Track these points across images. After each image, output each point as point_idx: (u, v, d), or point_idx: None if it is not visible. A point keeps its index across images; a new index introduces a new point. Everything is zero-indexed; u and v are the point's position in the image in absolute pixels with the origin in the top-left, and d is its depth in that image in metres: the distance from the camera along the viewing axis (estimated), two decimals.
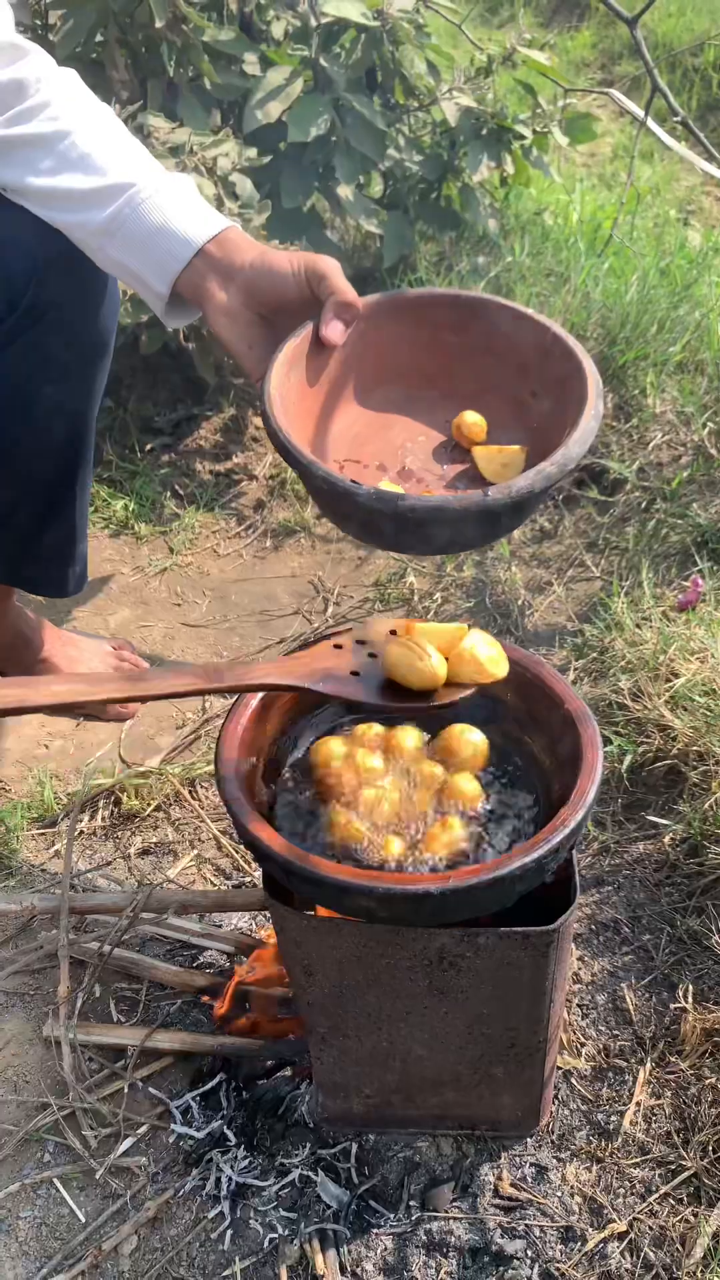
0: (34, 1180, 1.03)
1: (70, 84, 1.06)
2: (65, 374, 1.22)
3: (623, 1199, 0.99)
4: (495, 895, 0.80)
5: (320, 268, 0.93)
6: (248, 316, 0.97)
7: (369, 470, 0.97)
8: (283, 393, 0.89)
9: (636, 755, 1.32)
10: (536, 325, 0.94)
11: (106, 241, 1.00)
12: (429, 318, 0.98)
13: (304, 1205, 1.00)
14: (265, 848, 0.82)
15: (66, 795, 1.42)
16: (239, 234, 0.98)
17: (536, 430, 0.95)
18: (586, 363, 0.90)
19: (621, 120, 3.54)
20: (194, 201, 0.99)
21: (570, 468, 0.84)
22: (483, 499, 0.81)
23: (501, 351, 0.97)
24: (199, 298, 0.98)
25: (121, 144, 1.02)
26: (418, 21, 1.97)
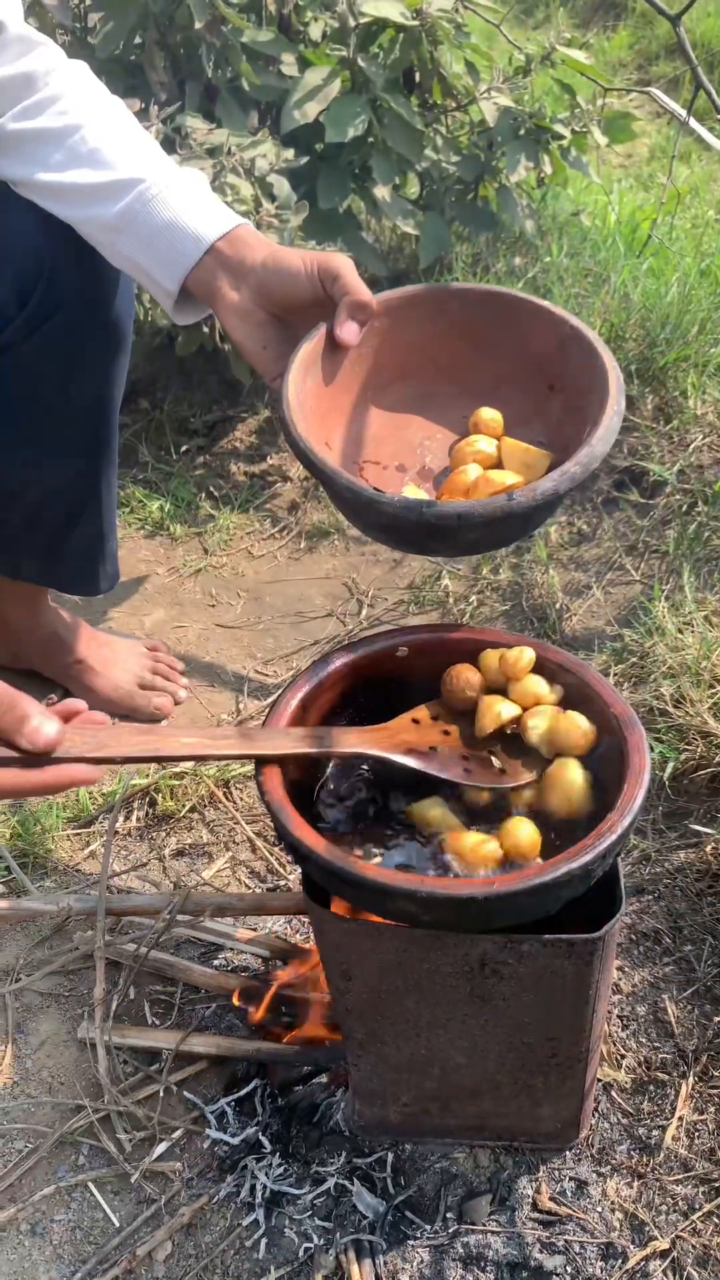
0: (69, 1183, 1.03)
1: (81, 77, 1.05)
2: (83, 369, 1.21)
3: (665, 1216, 0.97)
4: (540, 901, 0.79)
5: (333, 267, 0.92)
6: (260, 316, 0.95)
7: (388, 471, 0.96)
8: (300, 399, 0.88)
9: (679, 762, 1.29)
10: (554, 318, 0.93)
11: (116, 237, 0.99)
12: (444, 312, 0.96)
13: (339, 1215, 0.98)
14: (306, 849, 0.81)
15: (101, 795, 1.41)
16: (250, 231, 0.97)
17: (556, 424, 0.93)
18: (607, 357, 0.88)
19: (658, 121, 3.51)
20: (205, 197, 0.98)
21: (594, 466, 0.83)
22: (508, 503, 0.80)
23: (519, 345, 0.95)
24: (210, 296, 0.97)
25: (132, 138, 1.01)
26: (457, 21, 1.96)
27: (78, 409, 1.25)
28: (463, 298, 0.97)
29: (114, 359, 1.24)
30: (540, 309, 0.94)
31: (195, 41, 1.77)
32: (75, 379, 1.22)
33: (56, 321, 1.15)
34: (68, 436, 1.27)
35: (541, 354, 0.93)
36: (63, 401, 1.23)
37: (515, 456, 0.92)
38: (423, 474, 0.96)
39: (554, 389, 0.94)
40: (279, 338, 0.96)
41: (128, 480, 1.91)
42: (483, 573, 1.69)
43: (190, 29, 1.73)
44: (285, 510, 1.89)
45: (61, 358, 1.19)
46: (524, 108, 2.04)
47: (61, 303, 1.14)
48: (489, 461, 0.93)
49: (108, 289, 1.18)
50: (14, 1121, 1.07)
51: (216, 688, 1.58)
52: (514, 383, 0.96)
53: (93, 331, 1.19)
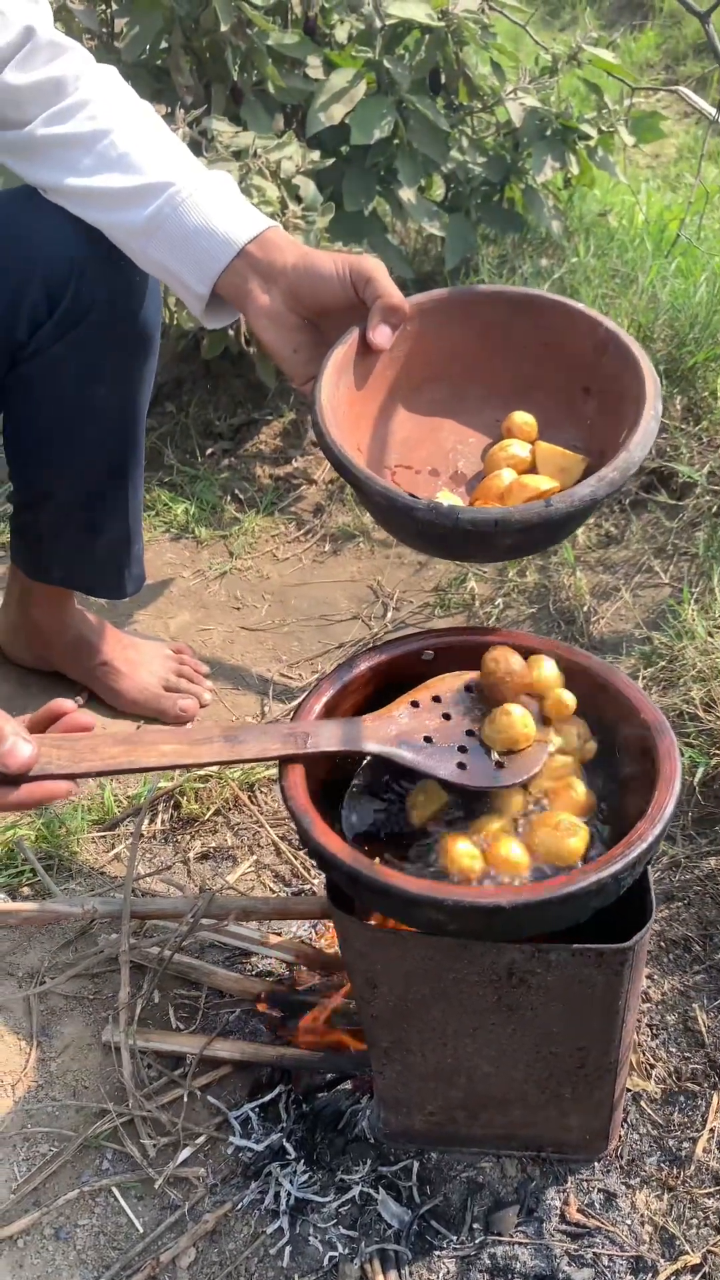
0: (92, 1188, 1.02)
1: (109, 81, 1.05)
2: (111, 373, 1.22)
3: (696, 1230, 0.95)
4: (569, 910, 0.78)
5: (365, 270, 0.91)
6: (291, 320, 0.95)
7: (421, 476, 0.95)
8: (333, 404, 0.87)
9: (709, 768, 1.27)
10: (588, 321, 0.91)
11: (146, 242, 0.99)
12: (476, 315, 0.95)
13: (365, 1224, 0.97)
14: (330, 856, 0.81)
15: (126, 798, 1.41)
16: (280, 234, 0.96)
17: (590, 428, 0.92)
18: (643, 360, 0.86)
19: (686, 121, 3.48)
20: (234, 201, 0.97)
21: (632, 472, 0.81)
22: (545, 509, 0.79)
23: (552, 348, 0.94)
24: (240, 300, 0.96)
25: (161, 142, 1.01)
26: (483, 21, 1.95)
27: (105, 412, 1.25)
28: (495, 300, 0.96)
29: (142, 363, 1.24)
30: (575, 311, 0.92)
31: (221, 45, 1.78)
32: (103, 383, 1.22)
33: (85, 325, 1.15)
34: (95, 440, 1.27)
35: (576, 357, 0.92)
36: (90, 405, 1.23)
37: (550, 461, 0.91)
38: (456, 478, 0.95)
39: (589, 392, 0.92)
40: (309, 341, 0.95)
41: (153, 483, 1.91)
42: (509, 575, 1.68)
43: (216, 33, 1.74)
44: (310, 513, 1.89)
45: (90, 362, 1.19)
46: (550, 108, 2.03)
47: (91, 307, 1.15)
48: (523, 466, 0.92)
49: (136, 294, 1.18)
50: (38, 1125, 1.07)
51: (241, 690, 1.58)
52: (547, 386, 0.95)
53: (121, 336, 1.19)
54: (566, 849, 0.82)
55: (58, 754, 0.80)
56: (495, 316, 0.95)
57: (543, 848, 0.83)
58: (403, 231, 2.28)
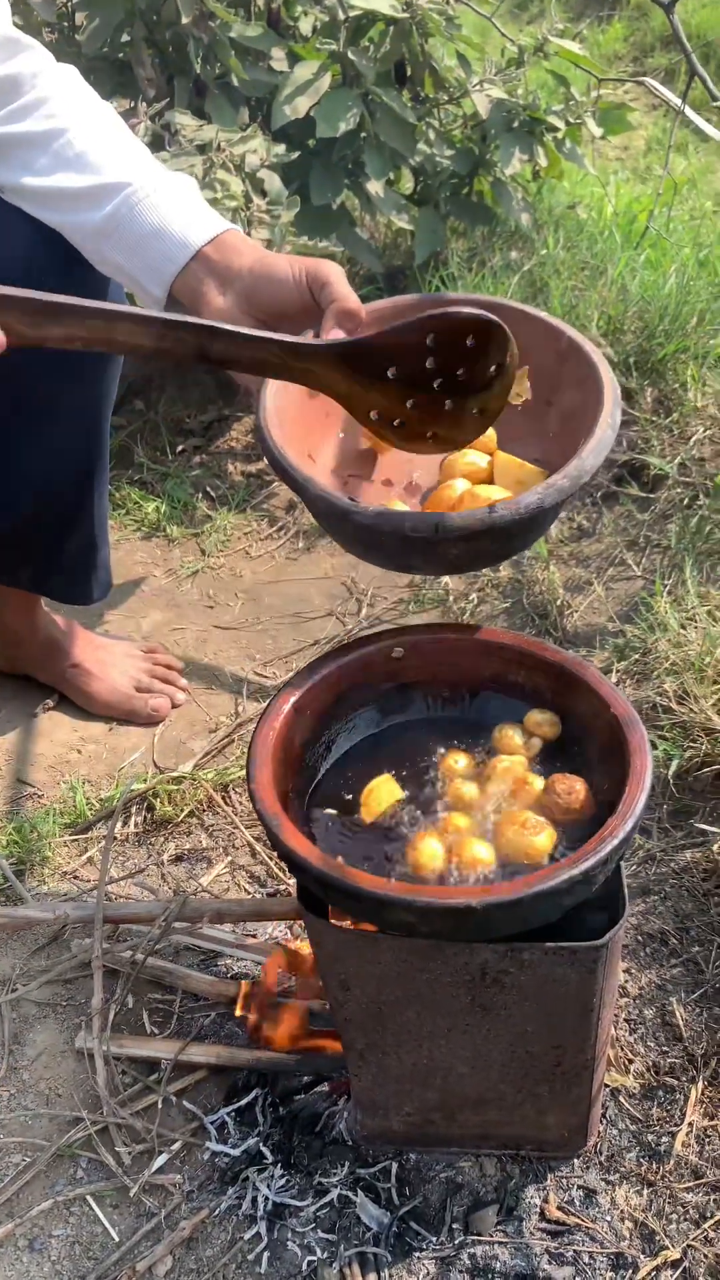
0: (66, 1197, 1.01)
1: (68, 80, 1.03)
2: (74, 377, 1.20)
3: (676, 1225, 0.95)
4: (540, 909, 0.77)
5: (322, 274, 0.89)
6: (246, 323, 0.92)
7: (374, 486, 0.93)
8: (280, 408, 0.86)
9: (683, 760, 1.27)
10: (551, 329, 0.90)
11: (103, 242, 0.97)
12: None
13: (343, 1227, 0.97)
14: (300, 859, 0.80)
15: (99, 801, 1.40)
16: (238, 236, 0.95)
17: (552, 440, 0.91)
18: (604, 369, 0.85)
19: (655, 113, 3.48)
20: (192, 202, 0.96)
21: (584, 480, 0.80)
22: (489, 515, 0.77)
23: None
24: (195, 303, 0.94)
25: (119, 142, 0.99)
26: (448, 13, 1.94)
27: (68, 418, 1.23)
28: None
29: (104, 367, 1.23)
30: (536, 319, 0.91)
31: (183, 37, 1.76)
32: (65, 387, 1.20)
33: None
34: (59, 445, 1.25)
35: (539, 367, 0.91)
36: (53, 410, 1.21)
37: (508, 472, 0.90)
38: (410, 489, 0.94)
39: (550, 404, 0.91)
40: None
41: (123, 482, 1.89)
42: (483, 571, 1.67)
43: (178, 25, 1.72)
44: (283, 510, 1.87)
45: (52, 366, 1.17)
46: (518, 100, 2.02)
47: None
48: (480, 476, 0.91)
49: (98, 293, 1.16)
50: (11, 1135, 1.06)
51: (215, 689, 1.56)
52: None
53: None
54: (533, 847, 0.82)
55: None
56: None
57: (509, 846, 0.82)
58: (371, 225, 2.26)
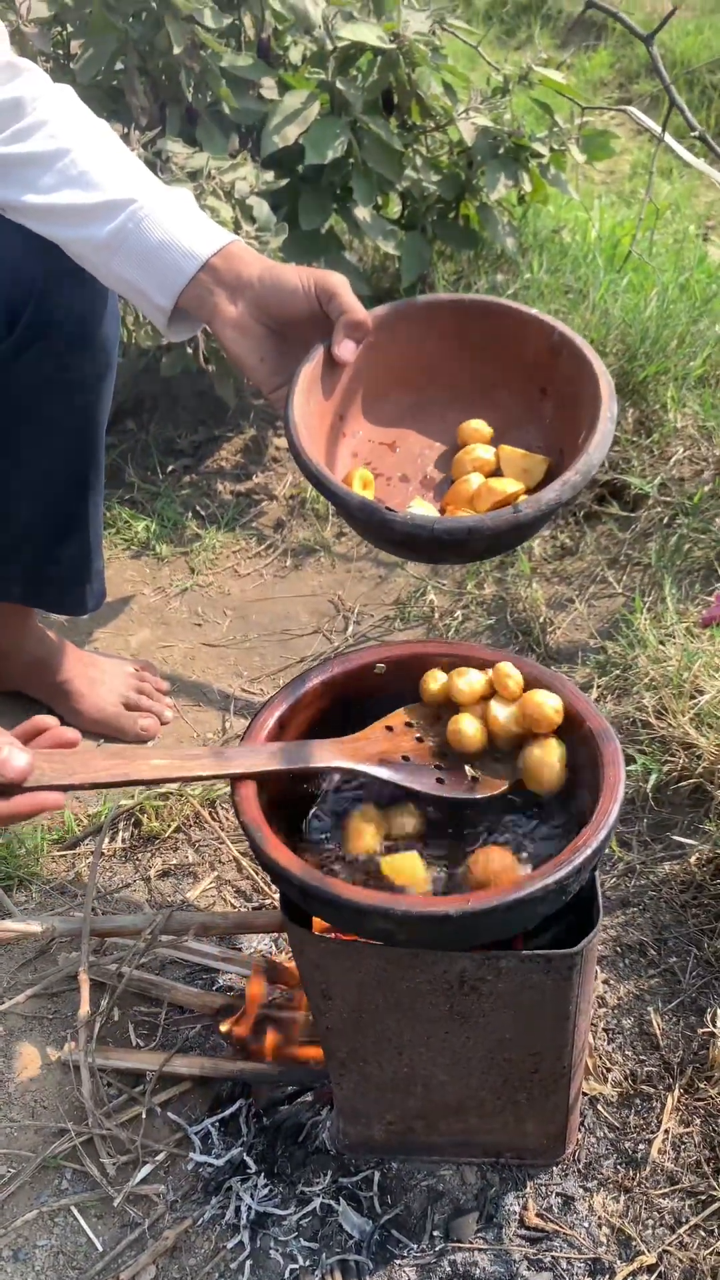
0: (51, 1208, 1.02)
1: (67, 101, 1.06)
2: (71, 389, 1.22)
3: (652, 1230, 0.96)
4: (516, 917, 0.79)
5: (330, 285, 0.93)
6: (258, 331, 0.97)
7: (393, 482, 0.97)
8: (306, 422, 0.90)
9: (661, 774, 1.30)
10: (542, 325, 0.95)
11: (109, 257, 1.00)
12: (436, 323, 0.98)
13: (325, 1235, 0.98)
14: (282, 869, 0.81)
15: (87, 817, 1.41)
16: (243, 247, 0.98)
17: (550, 426, 0.95)
18: (595, 361, 0.90)
19: (640, 138, 3.54)
20: (196, 216, 1.00)
21: (593, 473, 0.85)
22: (515, 515, 0.83)
23: (509, 351, 0.97)
24: (205, 311, 0.98)
25: (120, 160, 1.03)
26: (434, 43, 1.98)
27: (65, 429, 1.26)
28: (453, 308, 0.99)
29: (101, 380, 1.25)
30: (528, 316, 0.96)
31: (175, 67, 1.79)
32: (63, 400, 1.22)
33: (45, 343, 1.16)
34: (55, 457, 1.27)
35: (532, 359, 0.95)
36: (50, 422, 1.23)
37: (513, 463, 0.94)
38: (425, 483, 0.98)
39: (546, 393, 0.96)
40: (275, 351, 0.98)
41: (114, 501, 1.92)
42: (468, 588, 1.69)
43: (170, 55, 1.75)
44: (271, 528, 1.90)
45: (50, 378, 1.20)
46: (503, 127, 2.06)
47: (50, 325, 1.15)
48: (488, 468, 0.95)
49: (96, 310, 1.19)
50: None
51: (203, 707, 1.58)
52: (507, 387, 0.98)
53: (81, 353, 1.20)
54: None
55: (49, 766, 0.81)
56: (453, 323, 0.98)
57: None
58: (360, 249, 2.30)
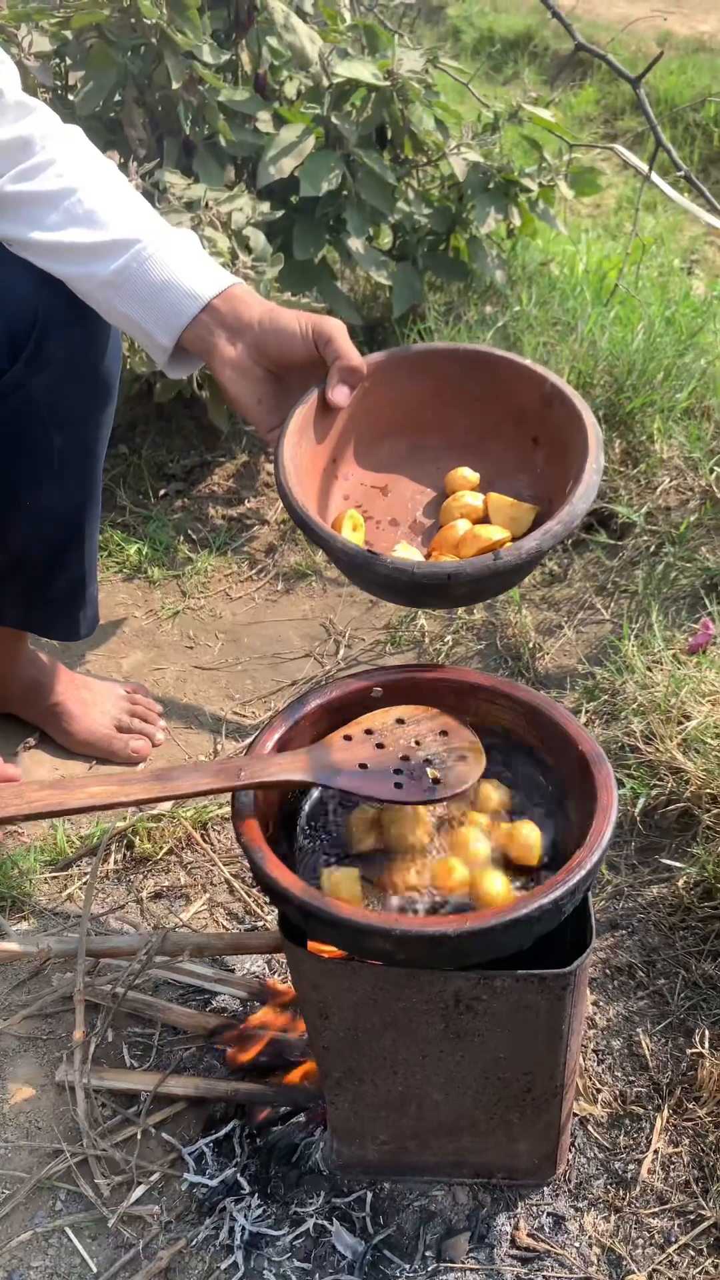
0: (45, 1229, 1.02)
1: (75, 141, 1.09)
2: (72, 419, 1.24)
3: (642, 1250, 0.97)
4: (512, 937, 0.81)
5: (326, 330, 0.96)
6: (256, 372, 1.00)
7: (382, 526, 0.99)
8: (296, 464, 0.92)
9: (649, 798, 1.32)
10: (535, 376, 0.97)
11: (113, 294, 1.03)
12: (430, 371, 1.00)
13: (319, 1256, 0.99)
14: (281, 889, 0.83)
15: (79, 839, 1.42)
16: (245, 290, 1.01)
17: (540, 475, 0.97)
18: (586, 414, 0.92)
19: (625, 173, 3.62)
20: (199, 257, 1.02)
21: (575, 524, 0.87)
22: (494, 563, 0.85)
23: (502, 400, 0.99)
24: (206, 351, 1.01)
25: (126, 200, 1.05)
26: (427, 80, 2.02)
27: (65, 458, 1.27)
28: (448, 356, 1.01)
29: (102, 410, 1.27)
30: (522, 368, 0.98)
31: (173, 100, 1.83)
32: (64, 429, 1.24)
33: (48, 374, 1.18)
34: (54, 484, 1.29)
35: (525, 409, 0.97)
36: (51, 451, 1.25)
37: (501, 511, 0.96)
38: (414, 528, 1.00)
39: (537, 442, 0.98)
40: (273, 392, 1.00)
41: (106, 524, 1.93)
42: (458, 613, 1.72)
43: (168, 89, 1.79)
44: (263, 552, 1.92)
45: (52, 408, 1.22)
46: (493, 162, 2.11)
47: (54, 356, 1.18)
48: (476, 515, 0.97)
49: (98, 342, 1.21)
50: None
51: (194, 729, 1.59)
52: (499, 436, 1.00)
53: (83, 383, 1.22)
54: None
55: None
56: (448, 371, 1.00)
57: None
58: (351, 279, 2.34)
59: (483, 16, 5.03)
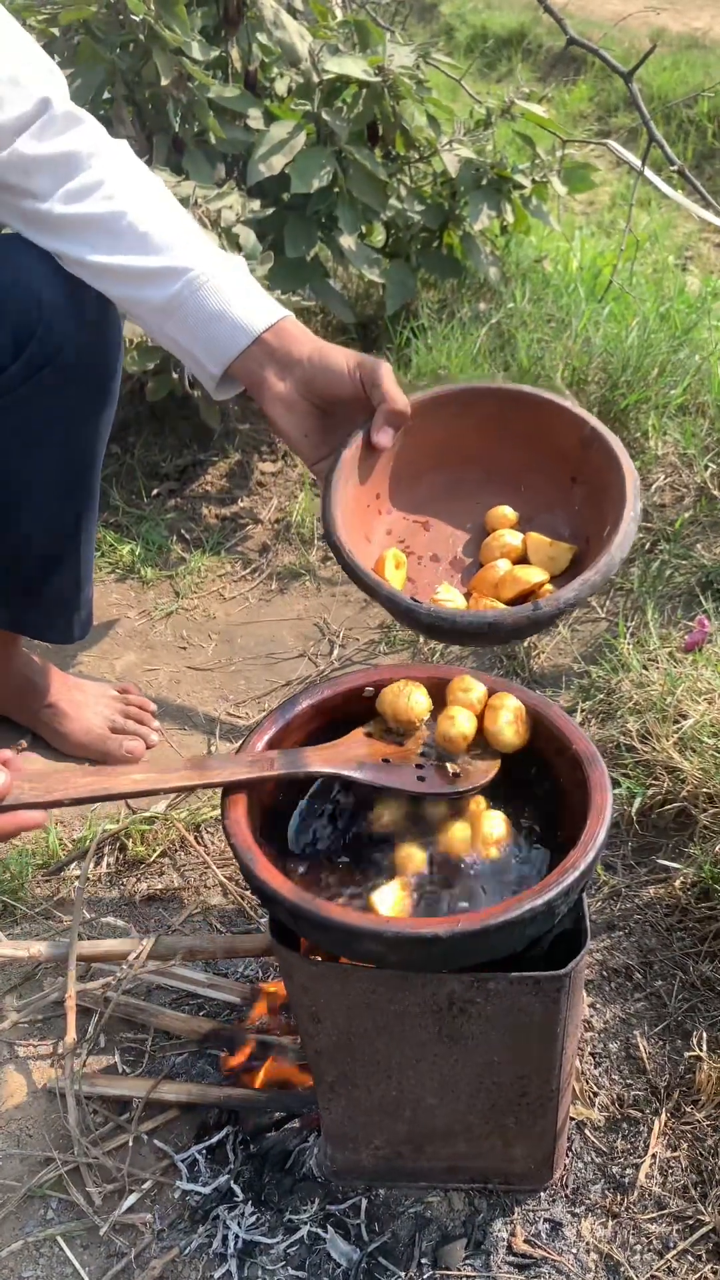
0: (37, 1238, 1.01)
1: (123, 158, 1.09)
2: (72, 417, 1.23)
3: (640, 1255, 0.96)
4: (505, 939, 0.79)
5: (375, 372, 0.98)
6: (304, 407, 1.02)
7: (424, 562, 1.02)
8: (343, 507, 0.95)
9: (645, 798, 1.30)
10: (575, 418, 0.99)
11: (164, 320, 1.04)
12: (472, 408, 1.03)
13: (313, 1263, 0.97)
14: (272, 891, 0.82)
15: (71, 842, 1.40)
16: (294, 324, 1.03)
17: (578, 514, 0.99)
18: (624, 459, 0.93)
19: (619, 169, 3.61)
20: (251, 287, 1.04)
21: (613, 574, 0.88)
22: (533, 613, 0.87)
23: (543, 438, 1.02)
24: (256, 385, 1.03)
25: (177, 223, 1.06)
26: (418, 77, 2.01)
27: (64, 457, 1.26)
28: (490, 396, 1.03)
29: (102, 409, 1.26)
30: (562, 409, 1.00)
31: (162, 97, 1.82)
32: (63, 427, 1.23)
33: (49, 371, 1.17)
34: (51, 486, 1.28)
35: (565, 448, 0.99)
36: (50, 449, 1.24)
37: (540, 550, 0.98)
38: (455, 564, 1.01)
39: (576, 481, 0.99)
40: (319, 427, 1.03)
41: (99, 524, 1.92)
42: None
43: (157, 85, 1.77)
44: (256, 552, 1.91)
45: (52, 406, 1.21)
46: (486, 159, 2.10)
47: (55, 353, 1.17)
48: (515, 554, 0.99)
49: (101, 339, 1.20)
50: None
51: (188, 730, 1.58)
52: (539, 471, 1.02)
53: (84, 381, 1.22)
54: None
55: (29, 786, 0.82)
56: (490, 409, 1.02)
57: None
58: (344, 277, 2.33)
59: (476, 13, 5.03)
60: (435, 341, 2.05)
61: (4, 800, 0.79)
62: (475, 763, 0.91)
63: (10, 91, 1.03)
